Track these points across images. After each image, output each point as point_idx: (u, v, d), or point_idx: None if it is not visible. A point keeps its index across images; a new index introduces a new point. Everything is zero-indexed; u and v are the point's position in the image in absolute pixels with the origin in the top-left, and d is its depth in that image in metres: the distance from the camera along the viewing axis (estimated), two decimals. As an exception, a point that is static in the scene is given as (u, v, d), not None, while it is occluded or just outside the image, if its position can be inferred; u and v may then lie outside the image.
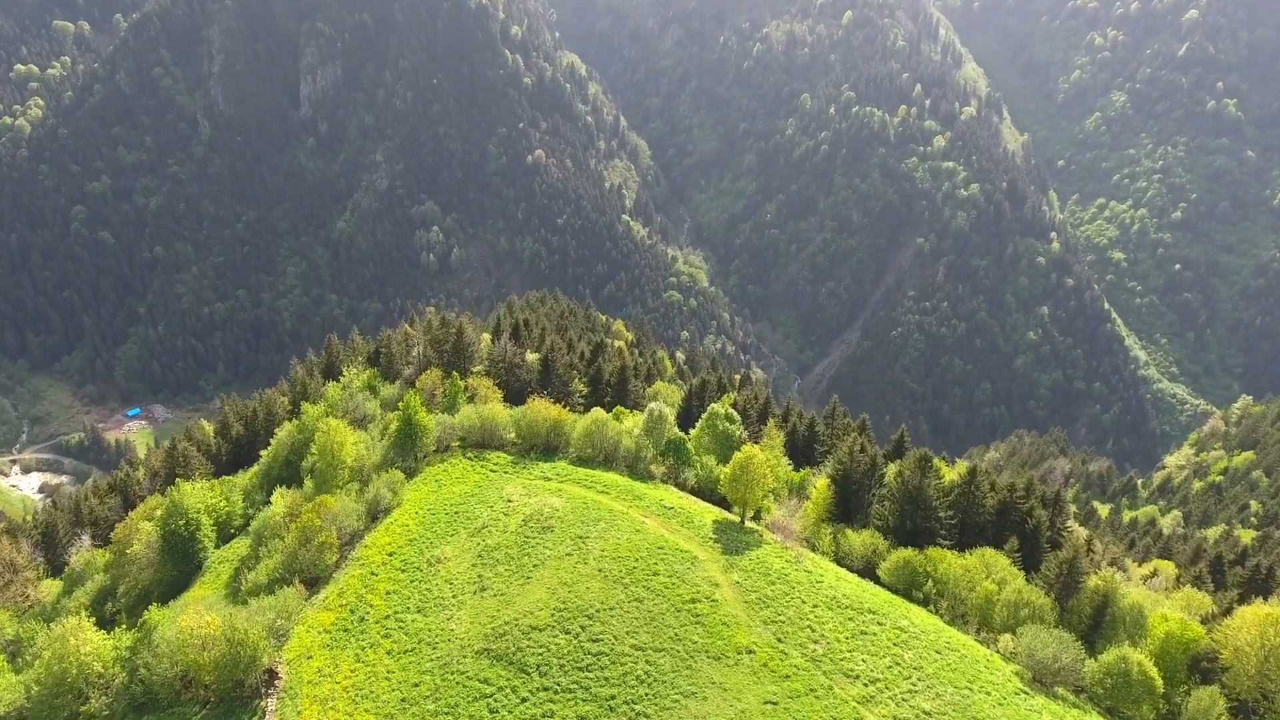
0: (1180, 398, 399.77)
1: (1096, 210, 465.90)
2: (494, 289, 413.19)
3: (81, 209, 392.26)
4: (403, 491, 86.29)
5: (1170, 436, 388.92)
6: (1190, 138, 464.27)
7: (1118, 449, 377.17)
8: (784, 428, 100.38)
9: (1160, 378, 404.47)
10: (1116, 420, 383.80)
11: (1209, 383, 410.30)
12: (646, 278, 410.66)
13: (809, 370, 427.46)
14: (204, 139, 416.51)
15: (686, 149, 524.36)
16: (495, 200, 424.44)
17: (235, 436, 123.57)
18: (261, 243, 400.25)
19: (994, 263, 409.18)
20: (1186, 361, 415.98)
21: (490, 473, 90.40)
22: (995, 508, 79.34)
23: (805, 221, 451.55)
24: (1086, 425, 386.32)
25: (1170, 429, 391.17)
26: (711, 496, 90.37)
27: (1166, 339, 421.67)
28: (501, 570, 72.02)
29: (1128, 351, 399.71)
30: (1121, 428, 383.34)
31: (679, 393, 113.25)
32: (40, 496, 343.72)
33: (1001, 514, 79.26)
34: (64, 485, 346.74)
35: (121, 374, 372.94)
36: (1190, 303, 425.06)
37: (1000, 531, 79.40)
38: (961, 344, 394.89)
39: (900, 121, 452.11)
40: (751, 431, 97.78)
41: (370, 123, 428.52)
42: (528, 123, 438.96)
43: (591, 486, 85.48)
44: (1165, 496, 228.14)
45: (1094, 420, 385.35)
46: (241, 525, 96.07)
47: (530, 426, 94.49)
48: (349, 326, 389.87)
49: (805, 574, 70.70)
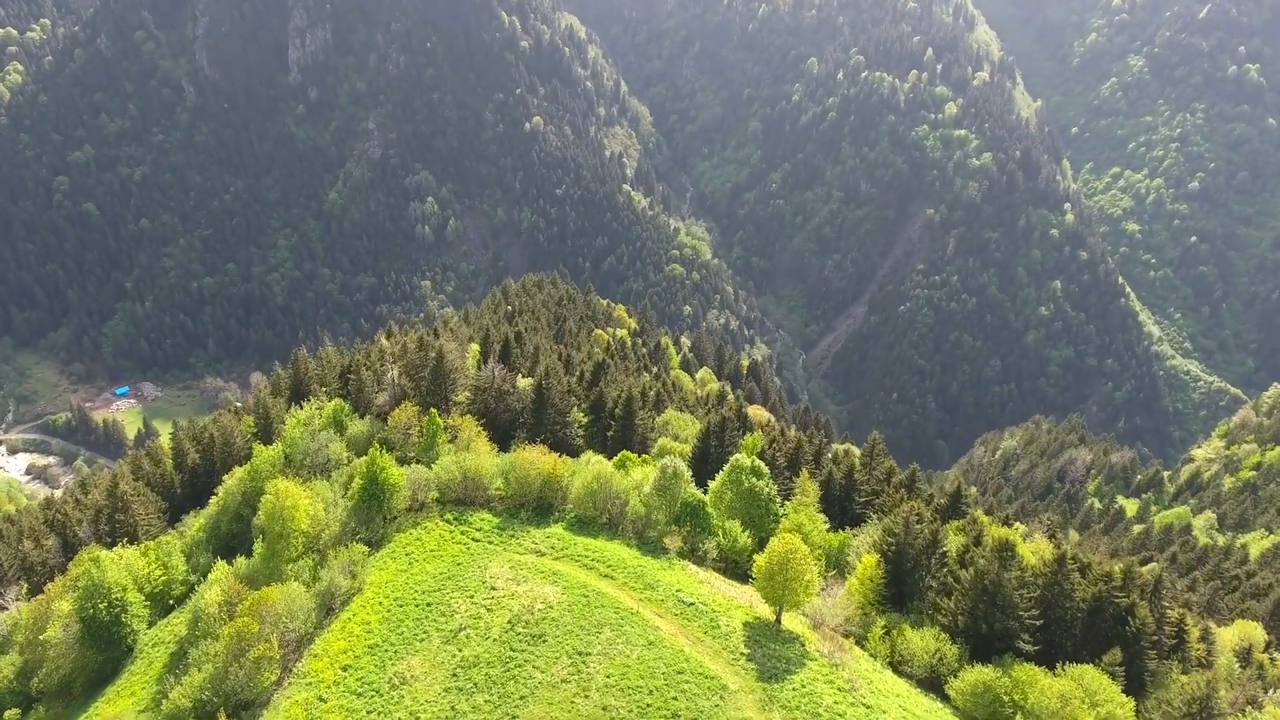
0: (1194, 374, 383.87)
1: (1111, 180, 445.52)
2: (491, 262, 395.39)
3: (64, 179, 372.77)
4: (365, 571, 70.42)
5: (1184, 414, 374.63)
6: (1210, 104, 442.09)
7: (1129, 428, 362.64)
8: (817, 475, 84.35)
9: (1173, 354, 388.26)
10: (1129, 398, 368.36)
11: (1223, 359, 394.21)
12: (648, 250, 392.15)
13: (814, 345, 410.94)
14: (189, 106, 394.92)
15: (689, 115, 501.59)
16: (492, 170, 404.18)
17: (191, 466, 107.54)
18: (251, 214, 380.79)
19: (1006, 235, 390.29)
20: (1200, 337, 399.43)
21: (472, 541, 74.45)
22: (1087, 603, 63.66)
23: (811, 191, 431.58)
24: (1098, 403, 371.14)
25: (1183, 406, 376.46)
26: (736, 570, 74.65)
27: (1180, 314, 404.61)
28: (480, 701, 56.34)
29: (1141, 327, 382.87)
30: (1133, 405, 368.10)
31: (694, 425, 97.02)
32: (27, 479, 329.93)
33: (1094, 611, 63.62)
34: (52, 467, 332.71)
35: (109, 351, 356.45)
36: (1206, 276, 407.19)
37: (1091, 631, 63.92)
38: (971, 319, 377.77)
39: (910, 87, 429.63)
40: (780, 482, 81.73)
41: (362, 89, 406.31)
42: (525, 88, 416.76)
43: (593, 567, 69.57)
44: (1194, 493, 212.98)
45: (1105, 398, 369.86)
46: (184, 593, 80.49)
47: (521, 481, 78.39)
48: (342, 302, 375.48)
49: (864, 710, 55.15)
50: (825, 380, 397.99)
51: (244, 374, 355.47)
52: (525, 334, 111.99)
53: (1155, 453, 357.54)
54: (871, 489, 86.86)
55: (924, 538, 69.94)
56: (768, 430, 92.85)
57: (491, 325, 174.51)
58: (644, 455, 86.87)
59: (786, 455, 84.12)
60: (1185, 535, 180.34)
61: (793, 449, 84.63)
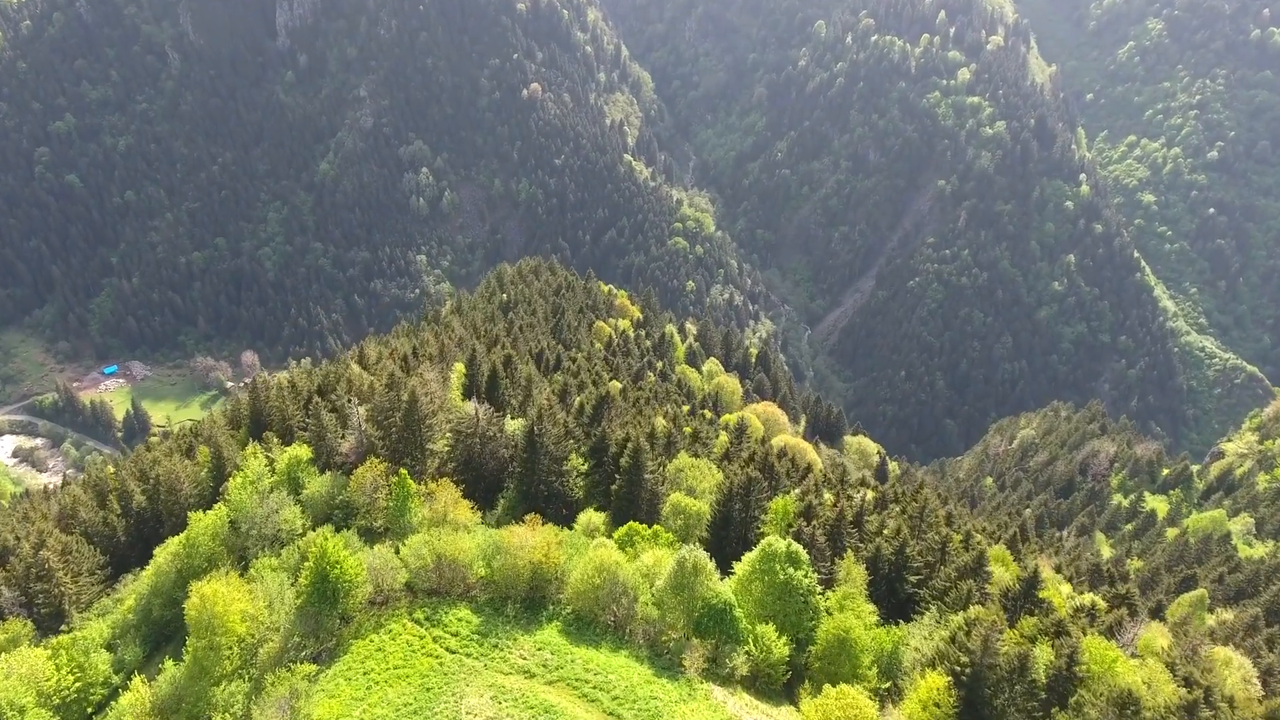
0: (1209, 351, 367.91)
1: (1126, 149, 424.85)
2: (488, 235, 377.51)
3: (45, 150, 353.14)
4: (311, 703, 55.53)
5: (1198, 392, 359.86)
6: (1231, 70, 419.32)
7: (1143, 406, 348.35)
8: (862, 552, 69.33)
9: (1188, 329, 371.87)
10: (1142, 376, 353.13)
11: (1239, 335, 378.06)
12: (650, 223, 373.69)
13: (820, 320, 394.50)
14: (174, 73, 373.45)
15: (692, 81, 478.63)
16: (489, 139, 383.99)
17: (138, 510, 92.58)
18: (239, 186, 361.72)
19: (1019, 207, 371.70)
20: (1216, 312, 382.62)
21: (447, 653, 59.55)
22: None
23: (818, 161, 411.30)
24: (1110, 381, 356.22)
25: (1197, 384, 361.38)
26: (769, 688, 60.01)
27: (1196, 288, 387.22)
28: None
29: (1156, 303, 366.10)
30: (1147, 383, 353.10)
31: (713, 474, 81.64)
32: (14, 462, 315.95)
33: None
34: (39, 449, 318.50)
35: (96, 329, 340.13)
36: (1223, 249, 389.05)
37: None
38: (982, 295, 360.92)
39: (922, 52, 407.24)
40: (820, 564, 66.68)
41: (353, 54, 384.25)
42: (522, 53, 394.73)
43: (596, 698, 54.82)
44: (1227, 492, 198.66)
45: (1118, 376, 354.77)
46: (106, 698, 65.92)
47: (506, 571, 63.31)
48: (335, 277, 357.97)
49: None
50: (831, 357, 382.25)
51: (235, 352, 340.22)
52: (516, 360, 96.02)
53: (1168, 431, 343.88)
54: (925, 561, 71.94)
55: (1007, 660, 55.02)
56: (802, 487, 77.46)
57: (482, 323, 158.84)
58: (654, 526, 71.61)
59: (826, 530, 68.85)
60: (1225, 545, 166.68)
61: (833, 521, 69.29)
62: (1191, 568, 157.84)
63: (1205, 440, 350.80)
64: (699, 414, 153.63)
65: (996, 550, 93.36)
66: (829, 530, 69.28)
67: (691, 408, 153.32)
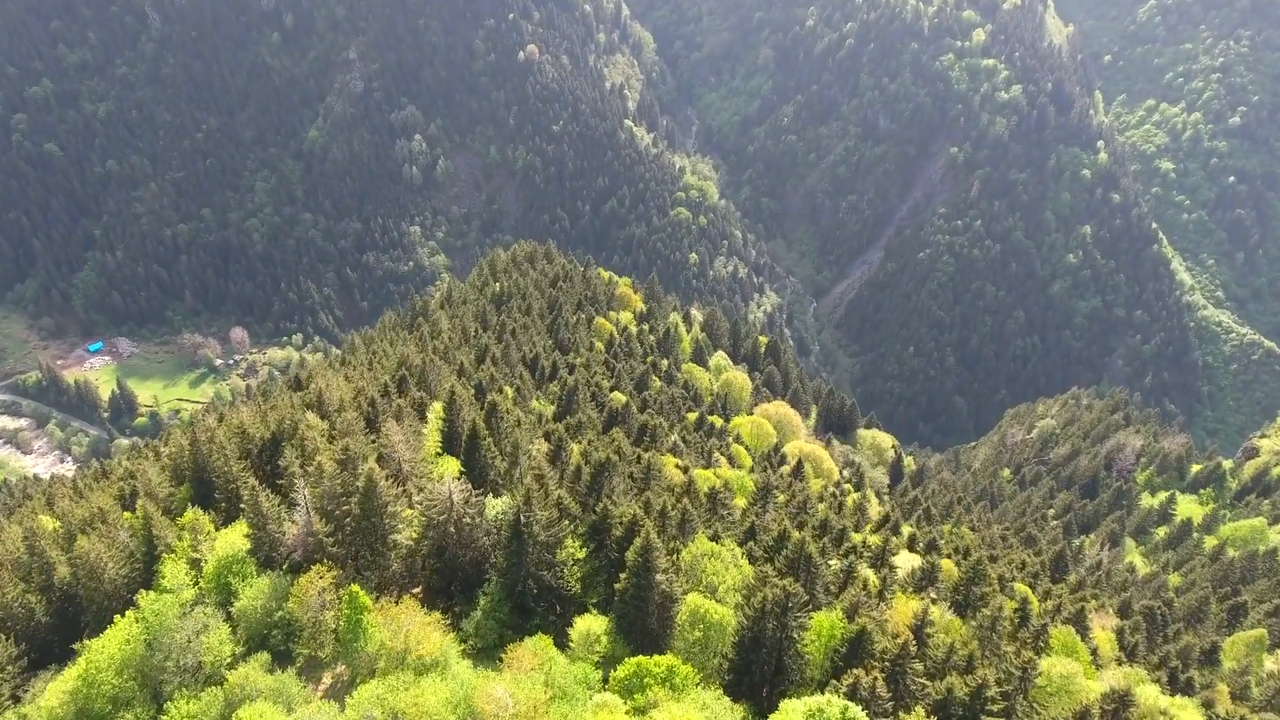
0: (1225, 325, 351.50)
1: (1145, 114, 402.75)
2: (484, 205, 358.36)
3: (23, 118, 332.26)
4: None
5: (1213, 368, 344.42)
6: (1256, 31, 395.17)
7: (1157, 383, 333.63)
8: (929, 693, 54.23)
9: (1205, 303, 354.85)
10: (1157, 351, 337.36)
11: (1257, 308, 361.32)
12: (652, 192, 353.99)
13: (826, 293, 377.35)
14: (154, 35, 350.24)
15: (695, 41, 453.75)
16: (484, 104, 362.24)
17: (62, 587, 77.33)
18: (225, 154, 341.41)
19: (1034, 176, 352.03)
20: (1234, 285, 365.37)
21: None
22: None
23: (826, 127, 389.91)
24: (1124, 356, 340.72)
25: (1213, 360, 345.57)
26: None
27: (1213, 260, 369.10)
28: None
29: (1173, 276, 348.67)
30: (1162, 359, 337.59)
31: (737, 565, 66.33)
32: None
33: None
34: (24, 430, 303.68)
35: (80, 304, 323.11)
36: (1242, 219, 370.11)
37: None
38: (994, 267, 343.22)
39: (935, 11, 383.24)
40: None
41: (341, 14, 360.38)
42: (518, 13, 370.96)
43: None
44: (1263, 495, 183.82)
45: (1133, 351, 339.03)
46: None
47: (482, 743, 48.16)
48: (326, 250, 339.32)
49: None
50: (838, 330, 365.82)
51: (224, 328, 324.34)
52: (502, 405, 80.00)
53: (1182, 409, 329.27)
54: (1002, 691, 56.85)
55: None
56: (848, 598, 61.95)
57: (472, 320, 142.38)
58: (667, 657, 56.14)
59: (886, 669, 53.54)
60: (1270, 561, 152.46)
61: (894, 661, 53.87)
62: (1237, 588, 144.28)
63: (1219, 417, 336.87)
64: (706, 420, 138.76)
65: (1059, 634, 78.59)
66: (889, 665, 53.99)
67: (699, 416, 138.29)
